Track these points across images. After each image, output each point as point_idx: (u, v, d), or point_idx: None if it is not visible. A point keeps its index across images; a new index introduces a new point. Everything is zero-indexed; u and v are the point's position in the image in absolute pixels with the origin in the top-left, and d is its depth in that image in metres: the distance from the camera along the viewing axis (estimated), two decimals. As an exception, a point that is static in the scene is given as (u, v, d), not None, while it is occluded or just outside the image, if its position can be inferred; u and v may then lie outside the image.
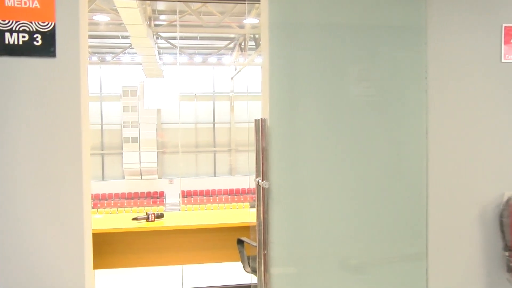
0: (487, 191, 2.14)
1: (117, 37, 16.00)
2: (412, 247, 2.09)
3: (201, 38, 17.06)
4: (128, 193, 18.15)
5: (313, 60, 1.97)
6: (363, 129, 2.01)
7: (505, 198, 2.11)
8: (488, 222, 2.14)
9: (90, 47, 16.05)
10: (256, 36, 15.21)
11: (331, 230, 2.01)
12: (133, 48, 15.09)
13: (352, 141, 2.01)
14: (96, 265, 3.56)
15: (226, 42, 17.60)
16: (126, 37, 14.24)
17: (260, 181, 1.88)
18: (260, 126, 1.87)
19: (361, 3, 2.00)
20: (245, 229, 3.57)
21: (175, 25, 13.89)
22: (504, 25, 2.10)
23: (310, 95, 1.96)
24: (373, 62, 2.03)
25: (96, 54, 17.90)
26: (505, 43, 2.11)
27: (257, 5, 2.30)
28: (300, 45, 1.97)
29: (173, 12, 13.84)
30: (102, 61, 18.14)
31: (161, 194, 18.40)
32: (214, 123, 20.12)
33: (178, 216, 5.69)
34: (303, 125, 1.96)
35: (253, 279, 3.10)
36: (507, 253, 2.10)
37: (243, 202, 17.81)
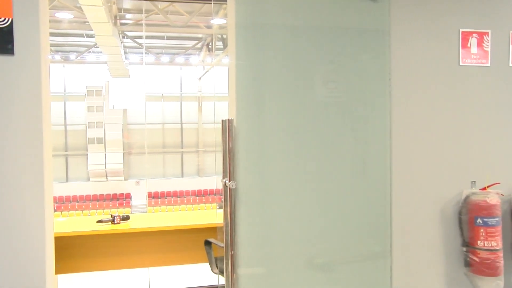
0: (447, 189, 2.21)
1: (81, 35, 15.59)
2: (377, 245, 2.13)
3: (168, 38, 16.86)
4: (93, 195, 17.71)
5: (279, 61, 1.98)
6: (328, 129, 2.04)
7: (463, 196, 2.19)
8: (448, 219, 2.21)
9: (53, 45, 15.57)
10: (224, 36, 15.18)
11: (298, 230, 2.02)
12: (98, 47, 14.75)
13: (318, 141, 2.03)
14: (59, 270, 3.46)
15: (193, 42, 17.46)
16: (91, 36, 13.89)
17: (227, 181, 1.87)
18: (227, 127, 1.87)
19: (327, 6, 2.02)
20: (213, 230, 3.55)
21: (142, 24, 13.67)
22: (461, 30, 2.18)
23: (277, 96, 1.97)
24: (338, 64, 2.06)
25: (59, 53, 17.37)
26: (463, 47, 2.19)
27: (225, 5, 2.30)
28: (266, 46, 1.97)
29: (140, 11, 13.62)
30: (66, 60, 17.63)
31: (128, 196, 18.06)
32: (181, 123, 19.92)
33: (144, 218, 5.60)
34: (269, 125, 1.97)
35: (220, 280, 3.09)
36: (465, 249, 2.18)
37: (211, 203, 17.71)
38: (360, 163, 2.09)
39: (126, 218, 3.73)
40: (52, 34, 13.50)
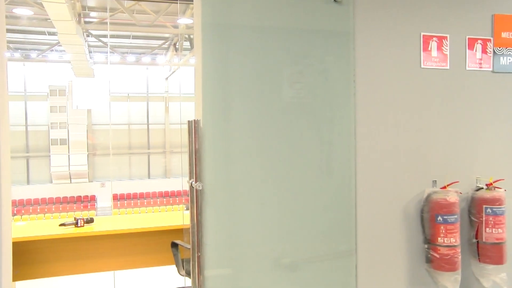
0: (410, 189, 2.27)
1: (43, 33, 15.11)
2: (343, 244, 2.16)
3: (134, 37, 16.59)
4: (56, 198, 17.20)
5: (246, 62, 1.99)
6: (295, 130, 2.06)
7: (425, 195, 2.26)
8: (410, 218, 2.27)
9: (11, 42, 15.00)
10: (191, 36, 15.08)
11: (265, 230, 2.03)
12: (61, 46, 14.33)
13: (284, 142, 2.05)
14: (18, 276, 3.34)
15: (160, 42, 17.25)
16: (53, 34, 13.49)
17: (193, 182, 1.86)
18: (193, 128, 1.85)
19: (293, 7, 2.04)
20: (180, 232, 3.52)
21: (106, 23, 13.39)
22: (422, 33, 2.25)
23: (243, 97, 1.98)
24: (304, 65, 2.08)
25: (19, 51, 16.76)
26: (424, 50, 2.26)
27: (192, 5, 2.28)
28: (233, 46, 1.97)
29: (104, 9, 13.34)
30: (26, 58, 17.03)
31: (92, 198, 17.64)
32: (148, 124, 19.64)
33: (109, 220, 5.47)
34: (236, 126, 1.97)
35: (187, 282, 3.06)
36: (426, 246, 2.25)
37: (179, 205, 17.54)
38: (325, 164, 2.12)
39: (90, 221, 3.64)
40: (10, 31, 12.98)
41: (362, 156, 2.16)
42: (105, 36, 15.09)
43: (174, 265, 3.07)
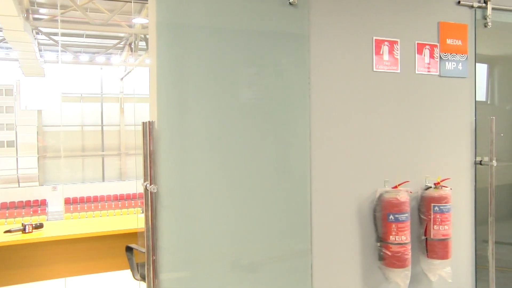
0: (363, 188, 2.33)
1: (-13, 29, 14.35)
2: (299, 244, 2.19)
3: (88, 36, 16.09)
4: (2, 203, 16.35)
5: (202, 63, 1.97)
6: (251, 132, 2.07)
7: (377, 194, 2.32)
8: (364, 217, 2.33)
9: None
10: (147, 36, 14.80)
11: (222, 232, 2.02)
12: (7, 42, 13.66)
13: (241, 143, 2.05)
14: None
15: (115, 41, 16.82)
16: (-1, 30, 12.85)
17: (148, 185, 1.82)
18: (148, 129, 1.82)
19: (249, 8, 2.05)
20: (135, 235, 3.44)
21: (57, 21, 12.90)
22: (374, 37, 2.32)
23: (199, 98, 1.96)
24: (260, 67, 2.09)
25: (-39, 47, 15.86)
26: (376, 54, 2.33)
27: (147, 4, 2.24)
28: (189, 47, 1.95)
29: (55, 6, 12.84)
30: (-31, 55, 16.13)
31: (43, 203, 16.92)
32: (102, 125, 19.09)
33: (60, 225, 5.27)
34: (192, 128, 1.95)
35: (142, 286, 3.00)
36: (379, 244, 2.32)
37: (134, 208, 17.15)
38: (281, 165, 2.14)
39: (39, 226, 3.49)
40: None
41: (317, 157, 2.20)
42: (56, 34, 14.53)
43: (129, 270, 3.00)
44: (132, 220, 4.13)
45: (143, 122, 1.84)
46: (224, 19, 2.00)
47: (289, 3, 2.10)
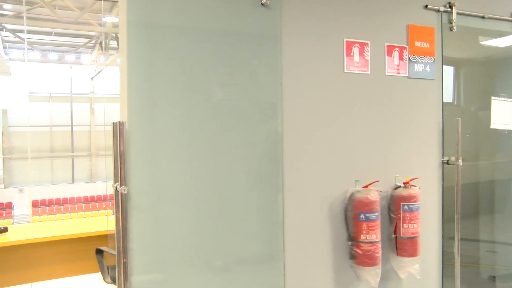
0: (335, 188, 2.36)
1: None
2: (271, 244, 2.20)
3: (57, 34, 15.69)
4: (-36, 207, 15.76)
5: (174, 63, 1.95)
6: (223, 133, 2.06)
7: (348, 194, 2.36)
8: (335, 216, 2.36)
9: None
10: (118, 35, 14.54)
11: (194, 233, 2.01)
12: (-30, 40, 13.17)
13: (213, 144, 2.04)
14: None
15: (85, 40, 16.47)
16: (-40, 26, 12.37)
17: (118, 186, 1.79)
18: (118, 129, 1.79)
19: (221, 9, 2.04)
20: (106, 238, 3.38)
21: (23, 17, 12.51)
22: (345, 39, 2.35)
23: (171, 98, 1.94)
24: (233, 67, 2.08)
25: None
26: (346, 55, 2.36)
27: (118, 3, 2.20)
28: (160, 46, 1.93)
29: (20, 2, 12.46)
30: None
31: (8, 206, 16.38)
32: (72, 126, 18.66)
33: (27, 228, 5.11)
34: (163, 128, 1.93)
35: (113, 290, 2.94)
36: (350, 243, 2.35)
37: (106, 210, 16.83)
38: (253, 165, 2.14)
39: (3, 230, 3.37)
40: None
41: (289, 158, 2.21)
42: (22, 31, 14.10)
43: (99, 273, 2.94)
44: (103, 222, 4.05)
45: (113, 123, 1.80)
46: (195, 19, 1.99)
47: (261, 4, 2.11)
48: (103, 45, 16.12)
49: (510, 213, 3.16)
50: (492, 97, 3.01)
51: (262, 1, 2.10)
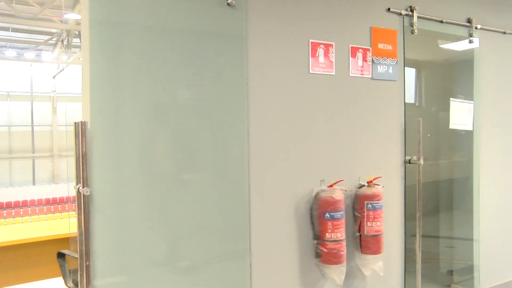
0: (301, 188, 2.38)
1: None
2: (237, 244, 2.19)
3: (15, 30, 15.10)
4: None
5: (138, 62, 1.92)
6: (189, 132, 2.04)
7: (314, 193, 2.39)
8: (301, 216, 2.38)
9: None
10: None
11: (159, 234, 1.98)
12: None
13: (178, 144, 2.02)
14: None
15: (46, 37, 15.94)
16: None
17: (80, 188, 1.75)
18: (80, 130, 1.74)
19: (187, 8, 2.03)
20: (68, 240, 3.28)
21: (-22, 12, 11.98)
22: (310, 40, 2.38)
23: (135, 98, 1.91)
24: (199, 67, 2.07)
25: None
26: (312, 56, 2.39)
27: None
28: (124, 45, 1.89)
29: (-25, -4, 11.92)
30: None
31: (-36, 209, 15.65)
32: (32, 126, 18.03)
33: (-16, 233, 4.90)
34: (127, 128, 1.89)
35: (75, 294, 2.86)
36: (315, 241, 2.38)
37: (69, 212, 16.34)
38: (219, 165, 2.14)
39: (-41, 234, 3.22)
40: None
41: (255, 157, 2.22)
42: (-23, 27, 13.52)
43: (61, 277, 2.85)
44: (65, 224, 3.94)
45: (75, 123, 1.76)
46: (160, 18, 1.97)
47: (227, 3, 2.10)
48: (65, 42, 15.65)
49: (467, 209, 3.29)
50: (451, 99, 3.12)
51: (228, 1, 2.10)
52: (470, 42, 3.17)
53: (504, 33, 3.36)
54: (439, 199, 3.41)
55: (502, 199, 3.44)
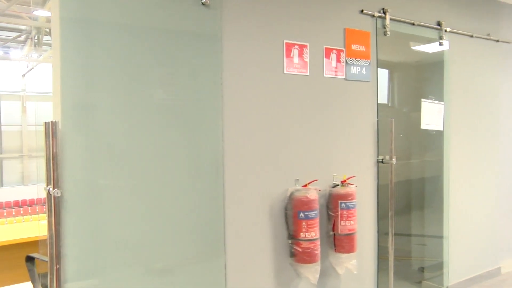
0: (275, 188, 2.39)
1: None
2: (213, 245, 2.18)
3: (-18, 27, 14.61)
4: None
5: (111, 61, 1.88)
6: (163, 132, 2.02)
7: (288, 193, 2.40)
8: (276, 215, 2.39)
9: None
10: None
11: (132, 236, 1.95)
12: None
13: (152, 144, 1.99)
14: None
15: (15, 34, 15.48)
16: None
17: (51, 189, 1.70)
18: (51, 130, 1.70)
19: (161, 7, 2.00)
20: (38, 244, 3.20)
21: None
22: (285, 41, 2.39)
23: (108, 97, 1.87)
24: (173, 66, 2.05)
25: None
26: (286, 56, 2.40)
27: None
28: (96, 44, 1.85)
29: None
30: None
31: None
32: (0, 125, 17.50)
33: None
34: (99, 128, 1.85)
35: (45, 298, 2.79)
36: (290, 241, 2.39)
37: (39, 214, 15.92)
38: (194, 166, 2.12)
39: None
40: None
41: (229, 157, 2.21)
42: None
43: (30, 282, 2.78)
44: (34, 227, 3.83)
45: (45, 122, 1.71)
46: (134, 16, 1.94)
47: (202, 3, 2.09)
48: (36, 40, 15.24)
49: (438, 208, 3.37)
50: (422, 99, 3.19)
51: (203, 1, 2.09)
52: (440, 44, 3.25)
53: (472, 36, 3.46)
54: (411, 198, 3.49)
55: (470, 197, 3.54)
